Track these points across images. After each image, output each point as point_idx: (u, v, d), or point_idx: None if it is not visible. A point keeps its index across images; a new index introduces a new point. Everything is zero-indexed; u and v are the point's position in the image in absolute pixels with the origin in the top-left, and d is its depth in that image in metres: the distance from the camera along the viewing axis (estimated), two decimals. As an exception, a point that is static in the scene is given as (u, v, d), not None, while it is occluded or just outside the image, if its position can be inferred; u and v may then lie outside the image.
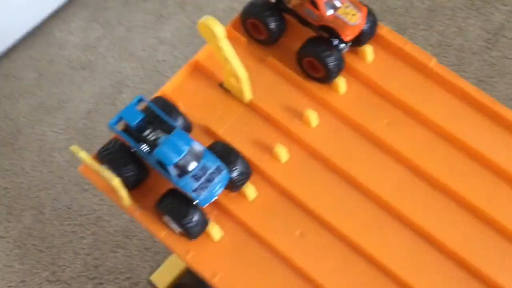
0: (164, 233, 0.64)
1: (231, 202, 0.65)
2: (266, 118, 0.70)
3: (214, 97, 0.72)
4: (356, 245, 0.63)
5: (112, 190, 0.64)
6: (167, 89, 0.72)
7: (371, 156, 0.68)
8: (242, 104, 0.71)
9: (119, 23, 1.49)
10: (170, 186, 0.63)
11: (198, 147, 0.61)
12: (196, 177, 0.59)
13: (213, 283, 0.61)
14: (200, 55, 0.74)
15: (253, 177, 0.66)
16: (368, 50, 0.72)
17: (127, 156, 0.64)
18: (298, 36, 0.73)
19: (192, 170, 0.60)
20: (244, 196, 0.65)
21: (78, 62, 1.44)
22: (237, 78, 0.68)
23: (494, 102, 0.70)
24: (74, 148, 0.62)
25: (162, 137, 0.61)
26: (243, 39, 0.74)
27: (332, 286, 0.60)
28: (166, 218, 0.63)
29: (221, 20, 0.77)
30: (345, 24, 0.67)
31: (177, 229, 0.64)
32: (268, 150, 0.68)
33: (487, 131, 0.69)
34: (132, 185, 0.65)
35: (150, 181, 0.67)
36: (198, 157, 0.61)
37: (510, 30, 1.39)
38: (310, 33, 0.72)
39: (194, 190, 0.60)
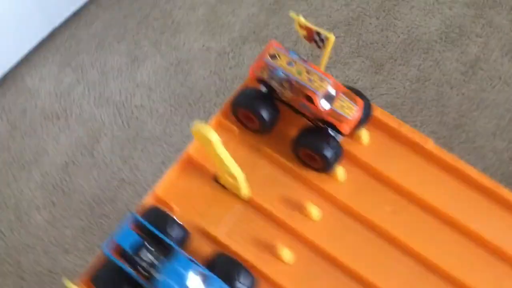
0: None
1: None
2: (266, 215, 0.68)
3: (209, 195, 0.69)
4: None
5: None
6: (160, 190, 0.69)
7: (377, 250, 0.67)
8: (240, 200, 0.69)
9: (92, 66, 1.44)
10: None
11: (201, 270, 0.58)
12: None
13: None
14: (192, 148, 0.71)
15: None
16: (364, 134, 0.71)
17: (125, 282, 0.61)
18: (293, 123, 0.71)
19: None
20: None
21: (52, 111, 1.39)
22: (232, 176, 0.66)
23: (494, 184, 0.70)
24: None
25: (162, 263, 0.58)
26: (235, 129, 0.72)
27: None
28: None
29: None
30: (342, 117, 0.65)
31: None
32: (271, 251, 0.66)
33: (489, 214, 0.69)
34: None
35: None
36: (204, 277, 0.58)
37: (486, 62, 1.41)
38: (305, 120, 0.70)
39: None
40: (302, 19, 0.67)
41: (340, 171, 0.69)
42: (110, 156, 1.34)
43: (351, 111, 0.66)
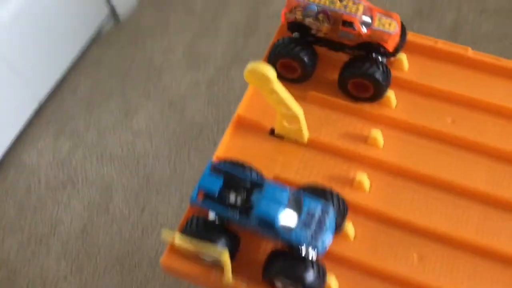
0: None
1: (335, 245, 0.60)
2: (331, 151, 0.66)
3: (268, 148, 0.67)
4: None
5: (206, 274, 0.57)
6: (220, 152, 0.67)
7: (447, 155, 0.65)
8: (301, 146, 0.67)
9: (87, 129, 1.42)
10: (265, 251, 0.57)
11: (295, 192, 0.56)
12: (306, 224, 0.54)
13: None
14: (241, 109, 0.70)
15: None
16: (404, 58, 0.71)
17: (216, 230, 0.58)
18: (331, 65, 0.71)
19: (300, 218, 0.54)
20: (345, 235, 0.60)
21: (58, 181, 1.35)
22: (290, 120, 0.64)
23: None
24: (165, 233, 0.55)
25: (255, 194, 0.56)
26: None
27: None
28: (280, 283, 0.57)
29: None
30: (385, 34, 0.66)
31: None
32: (349, 182, 0.63)
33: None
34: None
35: (240, 254, 0.61)
36: (299, 203, 0.56)
37: (465, 24, 1.45)
38: (343, 59, 0.70)
39: (309, 240, 0.54)
40: None
41: (391, 95, 0.69)
42: (127, 208, 1.30)
43: (392, 26, 0.66)
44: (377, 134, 0.66)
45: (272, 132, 0.69)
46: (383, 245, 0.60)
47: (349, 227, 0.61)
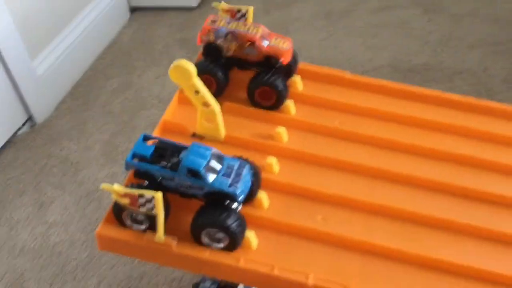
0: (208, 251, 0.60)
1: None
2: (244, 146, 0.74)
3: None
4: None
5: (139, 237, 0.60)
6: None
7: (337, 143, 0.77)
8: (218, 143, 0.75)
9: (-2, 225, 1.38)
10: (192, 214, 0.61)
11: (216, 151, 0.63)
12: (227, 174, 0.60)
13: (273, 274, 0.60)
14: (166, 116, 0.77)
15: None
16: (298, 79, 0.85)
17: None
18: (239, 83, 0.82)
19: (220, 170, 0.61)
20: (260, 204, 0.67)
21: (-38, 277, 1.27)
22: (209, 117, 0.73)
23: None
24: (106, 186, 0.58)
25: (182, 153, 0.62)
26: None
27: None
28: (207, 234, 0.60)
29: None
30: (280, 50, 0.79)
31: (218, 244, 0.61)
32: (262, 168, 0.71)
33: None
34: None
35: (171, 221, 0.64)
36: (220, 159, 0.62)
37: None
38: (248, 77, 0.82)
39: (230, 186, 0.60)
40: (223, 5, 0.84)
41: (291, 104, 0.80)
42: (40, 297, 1.24)
43: (285, 44, 0.80)
44: (282, 130, 0.76)
45: (193, 134, 0.76)
46: (292, 211, 0.67)
47: (264, 196, 0.67)
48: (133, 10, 2.16)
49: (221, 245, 0.62)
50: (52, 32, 1.73)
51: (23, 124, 1.64)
